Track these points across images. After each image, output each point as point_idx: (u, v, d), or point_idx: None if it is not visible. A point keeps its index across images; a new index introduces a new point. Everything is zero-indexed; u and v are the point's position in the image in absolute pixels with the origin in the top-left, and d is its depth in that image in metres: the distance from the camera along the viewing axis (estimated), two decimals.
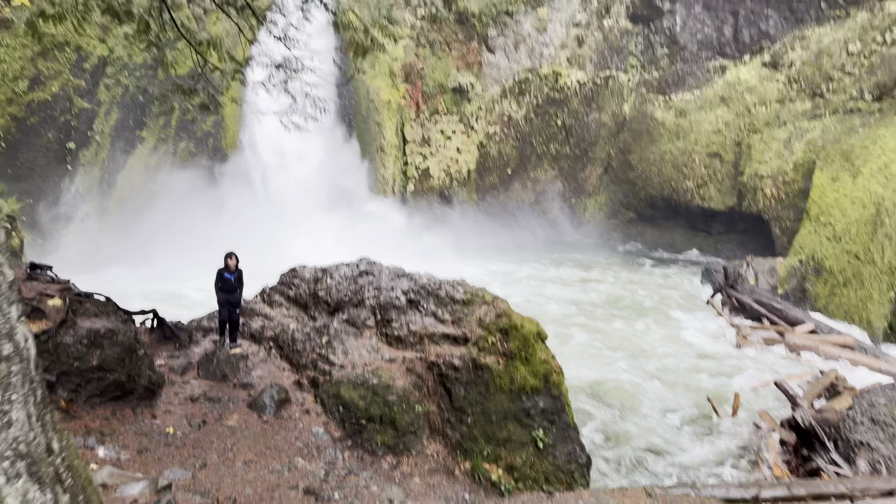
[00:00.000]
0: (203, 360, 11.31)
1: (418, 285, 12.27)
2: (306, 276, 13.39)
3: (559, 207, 43.72)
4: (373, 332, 11.88)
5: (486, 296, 12.08)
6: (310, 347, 11.59)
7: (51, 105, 32.11)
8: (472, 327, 11.46)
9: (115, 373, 9.85)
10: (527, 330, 11.46)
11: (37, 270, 11.37)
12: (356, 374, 10.81)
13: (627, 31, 41.84)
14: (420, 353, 11.34)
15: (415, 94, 40.55)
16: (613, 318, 25.82)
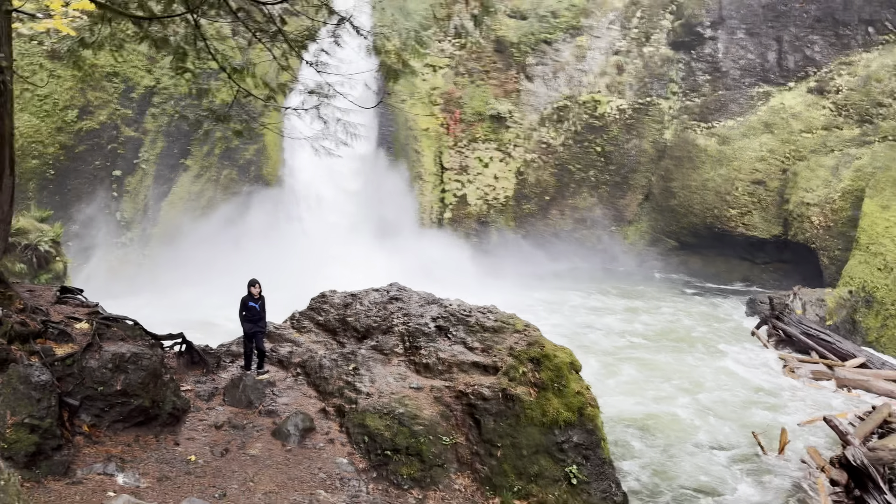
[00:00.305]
0: (229, 387, 11.11)
1: (448, 312, 11.94)
2: (336, 302, 13.17)
3: (598, 235, 43.06)
4: (401, 360, 11.57)
5: (517, 323, 11.69)
6: (337, 374, 11.32)
7: (99, 133, 32.79)
8: (502, 356, 11.07)
9: (139, 398, 9.69)
10: (560, 360, 11.03)
11: (67, 294, 11.35)
12: (382, 403, 10.48)
13: (668, 59, 41.35)
14: (448, 382, 10.97)
15: (453, 121, 40.55)
16: (655, 349, 25.13)
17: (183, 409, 10.36)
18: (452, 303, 12.41)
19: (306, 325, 13.16)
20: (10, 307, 9.62)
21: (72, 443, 8.98)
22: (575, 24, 40.49)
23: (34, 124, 30.43)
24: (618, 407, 17.92)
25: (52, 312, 10.27)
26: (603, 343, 25.92)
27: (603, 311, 31.73)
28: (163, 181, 35.24)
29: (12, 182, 10.09)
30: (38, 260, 23.99)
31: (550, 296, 34.94)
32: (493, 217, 41.13)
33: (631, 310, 32.23)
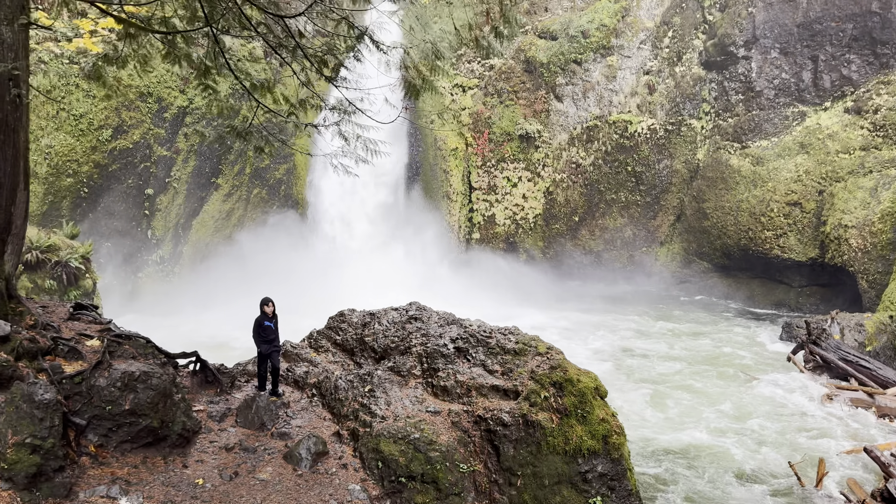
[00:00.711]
0: (242, 407, 10.76)
1: (467, 333, 11.49)
2: (354, 321, 12.80)
3: (629, 256, 42.30)
4: (418, 382, 11.13)
5: (539, 346, 11.19)
6: (352, 396, 10.92)
7: (132, 152, 33.11)
8: (523, 380, 10.58)
9: (148, 418, 9.38)
10: (584, 385, 10.50)
11: (81, 311, 11.15)
12: (398, 427, 10.04)
13: (700, 78, 40.68)
14: (467, 406, 10.51)
15: (481, 141, 40.28)
16: (689, 374, 24.37)
17: (193, 429, 10.03)
18: (473, 323, 11.96)
19: (324, 344, 12.80)
20: (20, 323, 9.42)
21: (77, 463, 8.69)
22: (605, 44, 40.07)
23: (69, 143, 30.79)
24: (645, 435, 17.28)
25: (63, 329, 10.06)
26: (636, 368, 25.25)
27: (636, 335, 30.99)
28: (194, 200, 35.45)
29: (26, 196, 9.94)
30: (67, 277, 24.07)
31: (582, 318, 34.28)
32: (521, 237, 40.65)
33: (664, 333, 31.44)
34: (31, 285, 23.34)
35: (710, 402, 21.02)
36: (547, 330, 31.93)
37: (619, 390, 22.45)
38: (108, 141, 32.20)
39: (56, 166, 30.43)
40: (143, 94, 33.39)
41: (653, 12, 40.69)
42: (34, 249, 23.45)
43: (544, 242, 41.48)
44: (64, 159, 30.68)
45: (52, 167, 30.32)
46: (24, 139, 9.86)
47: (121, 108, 32.58)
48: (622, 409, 19.98)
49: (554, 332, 31.62)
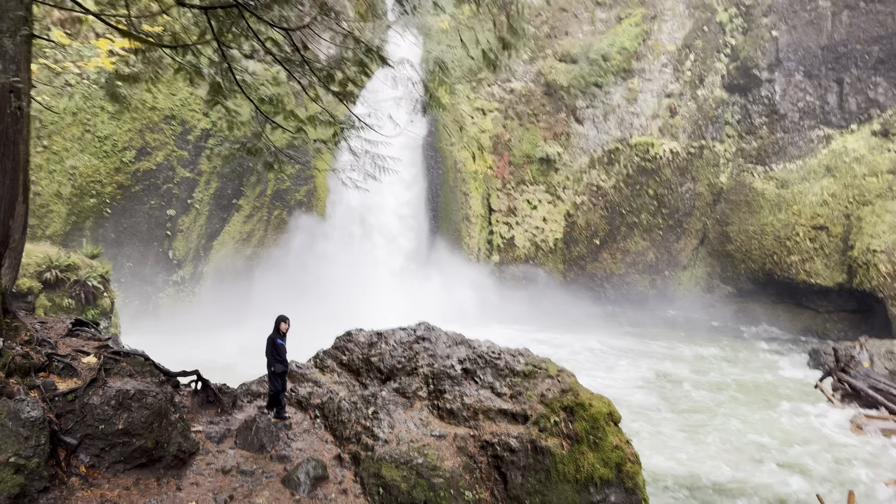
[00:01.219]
0: (242, 428, 10.37)
1: (476, 354, 11.03)
2: (361, 341, 12.40)
3: (651, 280, 41.54)
4: (424, 404, 10.67)
5: (550, 368, 10.69)
6: (355, 418, 10.48)
7: (155, 174, 33.23)
8: (532, 404, 10.08)
9: (142, 438, 9.02)
10: (596, 409, 9.97)
11: (81, 327, 10.88)
12: (401, 452, 9.57)
13: (723, 101, 40.12)
14: (473, 431, 10.01)
15: (501, 164, 39.99)
16: (711, 402, 23.58)
17: (190, 451, 9.64)
18: (482, 344, 11.51)
19: (329, 364, 12.40)
20: (14, 338, 9.15)
21: (66, 484, 8.34)
22: (626, 67, 39.72)
23: (93, 164, 30.98)
24: (664, 464, 16.61)
25: (60, 345, 9.78)
26: (658, 395, 24.50)
27: (658, 361, 30.17)
28: (215, 221, 35.46)
29: (25, 209, 9.73)
30: (85, 296, 23.99)
31: (604, 343, 33.57)
32: (541, 260, 40.11)
33: (687, 359, 30.63)
34: (49, 304, 23.27)
35: (734, 430, 20.25)
36: (567, 354, 31.28)
37: (640, 417, 21.74)
38: (132, 162, 32.36)
39: (80, 187, 30.60)
40: (168, 117, 33.58)
41: (674, 35, 40.30)
42: (53, 268, 23.43)
43: (565, 265, 40.89)
44: (88, 180, 30.85)
45: (76, 188, 30.49)
46: (24, 152, 9.67)
47: (145, 131, 32.78)
48: (641, 435, 19.29)
49: (574, 356, 30.96)
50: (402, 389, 10.89)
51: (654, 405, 23.70)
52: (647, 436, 19.73)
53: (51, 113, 29.71)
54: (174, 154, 33.92)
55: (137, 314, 33.20)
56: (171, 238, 34.29)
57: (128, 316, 32.95)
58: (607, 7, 41.28)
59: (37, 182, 29.35)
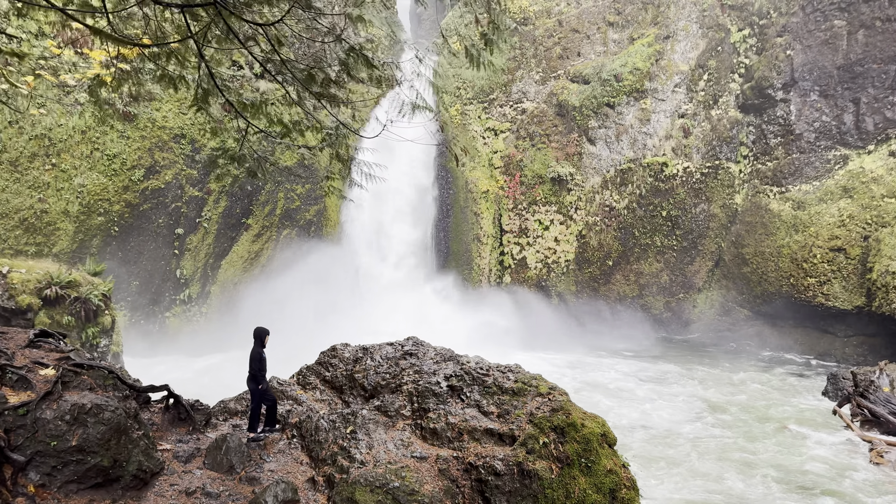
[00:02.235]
0: (212, 448, 9.68)
1: (463, 370, 10.30)
2: (346, 356, 11.71)
3: (665, 302, 40.51)
4: (407, 423, 9.93)
5: (541, 386, 9.92)
6: (332, 438, 9.75)
7: (163, 192, 32.95)
8: (520, 423, 9.31)
9: (97, 456, 8.37)
10: (589, 430, 9.17)
11: (44, 338, 10.29)
12: (377, 475, 8.82)
13: (737, 121, 39.31)
14: (457, 452, 9.25)
15: (513, 184, 39.35)
16: (727, 428, 22.56)
17: (153, 471, 8.97)
18: (471, 360, 10.77)
19: (312, 381, 11.71)
20: None
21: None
22: (639, 87, 39.08)
23: (102, 182, 30.74)
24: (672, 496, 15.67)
25: (18, 356, 9.19)
26: (669, 420, 23.52)
27: (671, 385, 29.16)
28: (224, 240, 35.07)
29: None
30: (86, 313, 23.54)
31: (616, 367, 32.61)
32: (553, 281, 39.25)
33: (701, 383, 29.58)
34: (48, 321, 22.83)
35: (750, 459, 19.25)
36: (570, 377, 30.37)
37: (650, 443, 20.80)
38: (141, 181, 32.09)
39: (87, 205, 30.34)
40: (177, 136, 33.35)
41: (687, 55, 39.66)
42: (54, 285, 23.02)
43: (577, 287, 39.99)
44: (96, 198, 30.60)
45: (84, 206, 30.23)
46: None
47: (154, 149, 32.55)
48: (649, 463, 18.36)
49: (582, 379, 30.04)
50: (385, 408, 10.17)
51: (656, 428, 22.73)
52: (643, 453, 18.79)
53: (60, 131, 29.56)
54: (183, 173, 33.65)
55: (144, 333, 32.75)
56: (179, 257, 33.90)
57: (135, 335, 32.53)
58: (620, 28, 40.78)
59: (44, 200, 29.14)
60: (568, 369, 31.71)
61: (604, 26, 40.90)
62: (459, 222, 39.07)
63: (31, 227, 28.78)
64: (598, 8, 41.09)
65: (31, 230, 28.77)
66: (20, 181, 28.53)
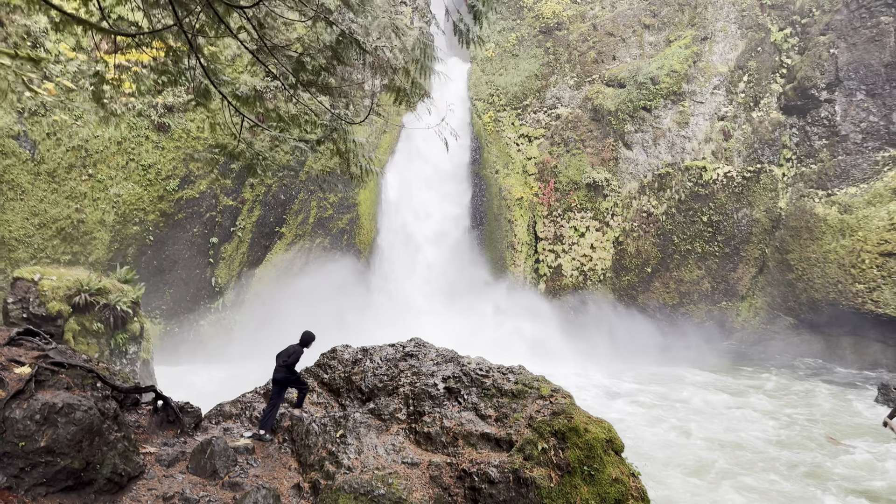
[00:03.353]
0: (196, 451, 9.14)
1: (462, 371, 9.58)
2: (345, 358, 11.10)
3: (707, 311, 38.96)
4: (401, 427, 9.25)
5: (542, 388, 9.13)
6: (321, 442, 9.13)
7: (198, 202, 33.04)
8: (519, 428, 8.54)
9: (67, 458, 7.89)
10: (592, 435, 8.35)
11: (27, 336, 9.90)
12: (363, 481, 8.16)
13: (780, 123, 37.74)
14: (451, 458, 8.53)
15: (547, 191, 38.45)
16: (772, 442, 21.33)
17: (131, 474, 8.46)
18: (472, 361, 10.05)
19: (310, 383, 11.13)
20: None
21: None
22: (676, 90, 37.87)
23: (137, 192, 30.95)
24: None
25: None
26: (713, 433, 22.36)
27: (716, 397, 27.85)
28: (257, 249, 35.01)
29: None
30: (115, 320, 23.50)
31: (657, 377, 31.43)
32: (589, 289, 38.14)
33: (747, 394, 28.23)
34: (78, 327, 22.85)
35: (797, 473, 18.05)
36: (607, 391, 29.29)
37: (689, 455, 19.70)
38: (175, 191, 32.24)
39: (123, 214, 30.55)
40: (211, 146, 33.44)
41: (726, 57, 38.32)
42: (83, 292, 23.03)
43: (615, 295, 38.77)
44: (131, 208, 30.80)
45: (119, 215, 30.45)
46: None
47: (188, 160, 32.69)
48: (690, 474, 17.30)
49: (621, 390, 28.94)
50: (379, 411, 9.51)
51: (698, 441, 21.58)
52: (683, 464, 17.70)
53: (96, 142, 29.86)
54: (217, 182, 33.72)
55: (178, 341, 32.79)
56: (214, 265, 33.92)
57: (170, 342, 32.60)
58: (656, 30, 39.67)
59: (81, 210, 29.41)
60: (604, 378, 30.64)
61: (639, 29, 39.85)
62: (493, 230, 38.32)
63: (68, 237, 29.05)
64: (634, 11, 40.06)
65: (68, 239, 29.04)
66: (58, 191, 28.85)
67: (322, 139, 10.96)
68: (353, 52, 9.26)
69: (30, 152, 28.06)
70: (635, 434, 21.67)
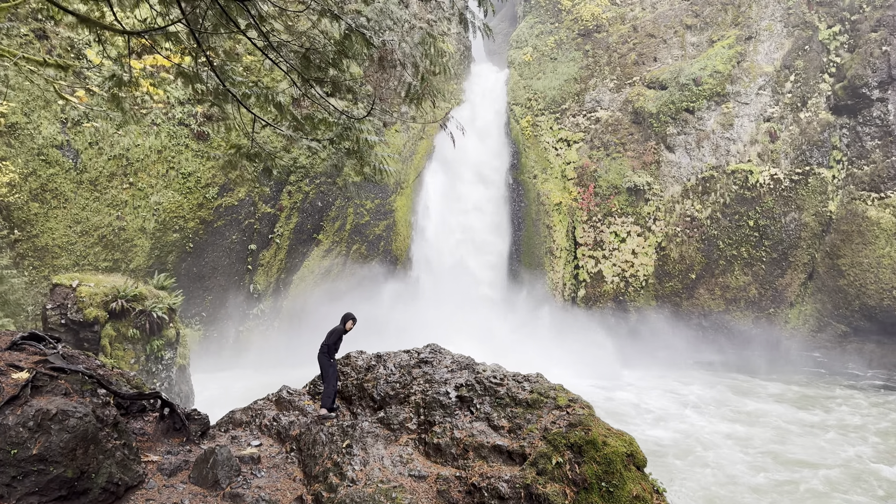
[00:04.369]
0: (199, 461, 8.77)
1: (476, 379, 9.01)
2: (359, 365, 10.64)
3: (755, 318, 37.50)
4: (410, 437, 8.72)
5: (559, 398, 8.50)
6: (327, 453, 8.66)
7: (237, 209, 33.15)
8: (532, 440, 7.93)
9: (60, 466, 7.58)
10: (612, 449, 7.70)
11: (30, 341, 9.66)
12: (365, 495, 7.65)
13: (829, 124, 36.19)
14: (461, 471, 7.96)
15: (587, 195, 37.56)
16: (829, 458, 20.21)
17: (129, 484, 8.13)
18: (487, 368, 9.47)
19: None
20: None
21: None
22: (720, 90, 36.65)
23: (177, 200, 31.17)
24: None
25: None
26: (766, 450, 21.35)
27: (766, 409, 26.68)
28: (295, 255, 34.96)
29: None
30: (150, 326, 23.54)
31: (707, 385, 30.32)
32: (631, 295, 37.06)
33: (797, 406, 26.97)
34: (114, 333, 22.95)
35: (855, 490, 16.98)
36: (662, 401, 28.32)
37: (746, 472, 18.73)
38: (215, 198, 32.39)
39: (163, 222, 30.78)
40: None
41: (772, 56, 36.95)
42: (120, 298, 23.14)
43: (657, 302, 37.61)
44: (171, 215, 31.02)
45: (160, 223, 30.69)
46: None
47: (227, 167, 32.77)
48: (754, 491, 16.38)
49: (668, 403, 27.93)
50: (388, 420, 9.00)
51: (753, 458, 20.55)
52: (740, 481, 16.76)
53: (137, 150, 30.18)
54: (256, 190, 33.81)
55: (218, 347, 32.88)
56: (252, 272, 33.98)
57: (209, 348, 32.69)
58: (698, 31, 38.52)
59: (122, 217, 29.73)
60: (649, 388, 29.66)
61: (681, 30, 38.75)
62: (531, 235, 37.59)
63: (110, 244, 29.37)
64: (675, 11, 38.98)
65: (110, 247, 29.35)
66: (99, 200, 29.21)
67: (335, 139, 10.55)
68: (360, 46, 8.82)
69: (73, 161, 28.48)
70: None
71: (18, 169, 27.05)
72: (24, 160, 27.27)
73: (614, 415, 24.49)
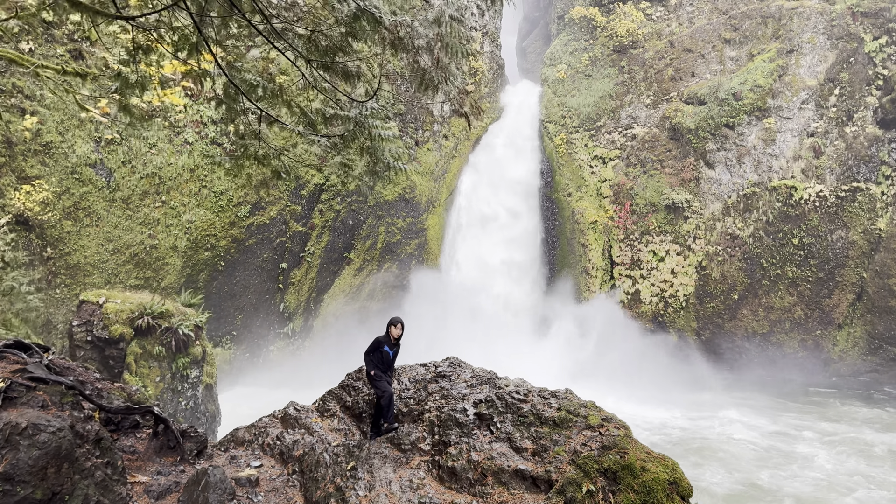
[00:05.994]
0: (190, 482, 7.84)
1: (496, 395, 7.95)
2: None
3: (801, 340, 35.58)
4: (423, 460, 7.68)
5: (591, 416, 7.39)
6: (330, 475, 7.67)
7: (268, 228, 32.67)
8: (560, 464, 6.84)
9: (28, 486, 6.72)
10: (651, 476, 6.56)
11: (12, 349, 8.89)
12: None
13: (877, 138, 34.42)
14: (477, 499, 6.90)
15: (623, 213, 36.24)
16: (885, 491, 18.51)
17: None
18: (510, 383, 8.41)
19: (331, 407, 9.71)
20: None
21: None
22: (761, 105, 35.19)
23: (209, 219, 30.78)
24: None
25: None
26: (817, 485, 19.73)
27: (816, 438, 24.88)
28: (326, 274, 34.30)
29: None
30: (176, 343, 22.93)
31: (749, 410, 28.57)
32: (671, 316, 35.47)
33: (850, 435, 25.08)
34: (139, 350, 22.37)
35: None
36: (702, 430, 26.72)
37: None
38: (246, 217, 31.96)
39: (195, 240, 30.39)
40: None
41: (814, 69, 35.41)
42: (146, 315, 22.59)
43: (698, 323, 35.93)
44: (203, 234, 30.63)
45: (192, 241, 30.29)
46: None
47: (259, 186, 32.40)
48: None
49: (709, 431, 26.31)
50: (399, 440, 7.98)
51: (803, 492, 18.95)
52: None
53: (170, 169, 29.92)
54: (287, 209, 33.31)
55: (247, 366, 32.23)
56: (283, 291, 33.37)
57: (239, 367, 32.06)
58: (737, 45, 37.20)
59: (154, 236, 29.40)
60: (684, 418, 28.06)
61: (719, 44, 37.47)
62: (566, 254, 36.36)
63: (141, 262, 29.02)
64: (713, 25, 37.75)
65: (141, 265, 29.00)
66: (132, 218, 28.94)
67: (345, 134, 9.71)
68: (370, 28, 7.97)
69: (105, 180, 28.29)
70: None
71: (52, 187, 26.90)
72: (58, 178, 27.14)
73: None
